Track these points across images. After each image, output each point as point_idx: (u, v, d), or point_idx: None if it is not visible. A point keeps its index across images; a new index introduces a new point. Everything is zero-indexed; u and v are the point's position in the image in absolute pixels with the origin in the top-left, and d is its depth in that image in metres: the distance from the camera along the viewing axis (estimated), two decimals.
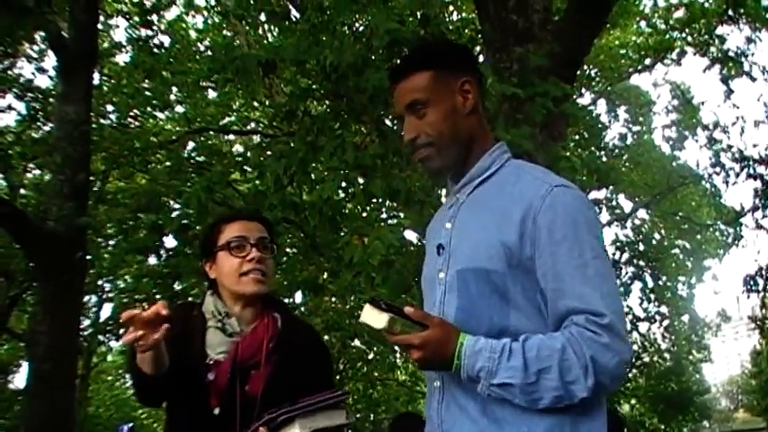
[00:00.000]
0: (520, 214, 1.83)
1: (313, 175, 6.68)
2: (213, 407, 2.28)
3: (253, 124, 14.57)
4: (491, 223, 1.87)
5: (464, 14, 12.11)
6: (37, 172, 13.77)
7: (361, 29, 7.19)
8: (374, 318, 1.76)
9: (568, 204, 1.83)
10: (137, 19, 12.12)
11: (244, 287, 2.41)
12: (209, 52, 11.63)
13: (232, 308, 2.44)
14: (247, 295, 2.42)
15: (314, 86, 6.98)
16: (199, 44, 13.94)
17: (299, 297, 11.11)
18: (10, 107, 12.69)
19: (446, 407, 1.89)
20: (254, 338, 2.38)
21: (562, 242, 1.79)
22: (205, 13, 13.78)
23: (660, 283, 17.26)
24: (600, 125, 15.51)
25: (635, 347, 18.80)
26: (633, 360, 19.09)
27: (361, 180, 6.06)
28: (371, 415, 18.50)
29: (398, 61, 2.10)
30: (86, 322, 16.03)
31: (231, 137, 14.69)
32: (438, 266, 1.96)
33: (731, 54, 13.51)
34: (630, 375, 20.04)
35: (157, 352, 2.15)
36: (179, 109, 13.62)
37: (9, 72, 12.30)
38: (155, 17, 12.07)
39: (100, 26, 11.35)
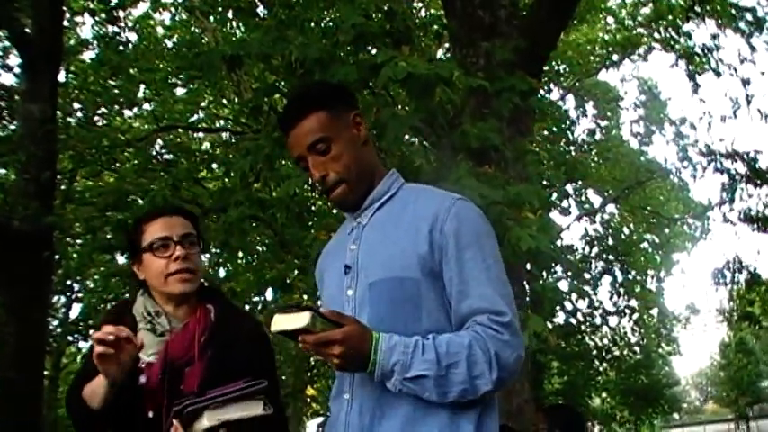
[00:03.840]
0: (428, 225, 1.95)
1: (282, 171, 6.65)
2: (148, 410, 2.21)
3: (221, 122, 14.51)
4: (402, 236, 1.97)
5: (432, 11, 12.13)
6: (2, 171, 13.60)
7: (329, 24, 7.16)
8: (293, 319, 1.76)
9: (471, 215, 1.99)
10: (103, 16, 11.99)
11: (171, 288, 2.33)
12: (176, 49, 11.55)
13: (164, 307, 2.37)
14: (176, 295, 2.35)
15: (279, 82, 6.96)
16: (166, 41, 13.83)
17: (269, 295, 11.11)
18: None
19: (354, 416, 1.94)
20: (185, 335, 2.30)
21: (467, 248, 1.93)
22: (172, 9, 13.66)
23: (629, 276, 17.42)
24: (568, 120, 15.62)
25: (605, 341, 18.98)
26: (604, 354, 19.27)
27: None
28: None
29: (286, 109, 2.17)
30: (55, 323, 15.89)
31: (200, 134, 14.61)
32: (346, 285, 2.02)
33: (697, 50, 13.64)
34: (601, 369, 20.21)
35: (115, 387, 2.13)
36: (147, 107, 13.51)
37: None
38: (121, 14, 11.93)
39: (66, 23, 11.23)
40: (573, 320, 16.08)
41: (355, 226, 2.10)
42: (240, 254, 8.70)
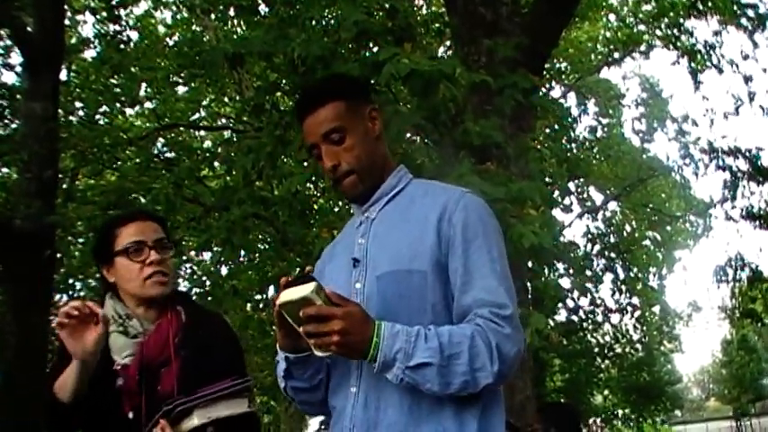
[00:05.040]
0: (436, 216, 1.96)
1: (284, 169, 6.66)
2: (127, 411, 2.25)
3: (223, 120, 14.51)
4: (410, 229, 1.98)
5: (434, 8, 12.12)
6: (4, 170, 13.61)
7: (330, 22, 7.16)
8: (297, 290, 1.72)
9: (478, 209, 2.02)
10: (104, 14, 11.98)
11: (147, 291, 2.37)
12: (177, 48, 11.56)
13: (135, 309, 2.39)
14: (152, 298, 2.39)
15: (281, 80, 6.96)
16: (167, 40, 13.83)
17: (271, 293, 11.12)
18: None
19: (359, 409, 1.92)
20: (159, 336, 2.34)
21: (473, 240, 1.94)
22: (173, 8, 13.67)
23: (631, 274, 17.40)
24: (570, 117, 15.59)
25: (607, 339, 18.97)
26: (606, 351, 19.26)
27: None
28: None
29: (304, 96, 2.18)
30: None
31: (202, 133, 14.62)
32: (354, 278, 2.01)
33: (699, 47, 13.61)
34: (603, 366, 20.20)
35: (85, 373, 2.18)
36: (148, 105, 13.52)
37: None
38: (122, 12, 11.92)
39: (67, 21, 11.22)
40: (575, 318, 16.09)
41: (363, 220, 2.09)
42: (242, 252, 8.71)
